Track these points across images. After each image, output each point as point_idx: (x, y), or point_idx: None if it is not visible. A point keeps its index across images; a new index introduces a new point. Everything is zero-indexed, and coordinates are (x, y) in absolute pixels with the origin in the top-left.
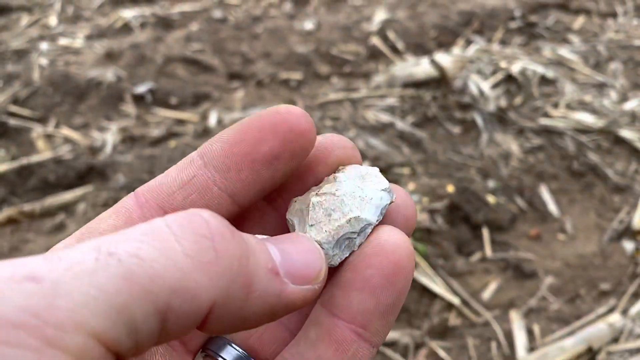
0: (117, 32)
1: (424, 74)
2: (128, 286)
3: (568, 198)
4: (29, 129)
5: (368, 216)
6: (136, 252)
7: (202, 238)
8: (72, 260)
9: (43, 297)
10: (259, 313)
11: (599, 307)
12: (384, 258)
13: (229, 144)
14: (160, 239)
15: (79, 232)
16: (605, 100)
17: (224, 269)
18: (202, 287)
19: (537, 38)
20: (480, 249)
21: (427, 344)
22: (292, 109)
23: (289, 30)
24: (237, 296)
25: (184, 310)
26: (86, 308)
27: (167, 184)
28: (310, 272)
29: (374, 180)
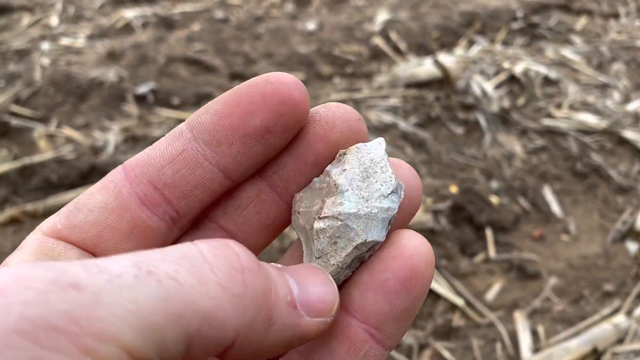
0: (119, 32)
1: (427, 75)
2: (165, 307)
3: (571, 199)
4: (31, 128)
5: (375, 237)
6: (174, 275)
7: (234, 271)
8: (112, 272)
9: (84, 306)
10: (276, 344)
11: (603, 308)
12: (402, 262)
13: (218, 116)
14: (196, 266)
15: (66, 209)
16: (608, 101)
17: (250, 302)
18: (230, 317)
19: (540, 39)
20: (483, 250)
21: (431, 344)
22: (283, 78)
23: (291, 30)
24: (259, 328)
25: (211, 338)
26: (124, 322)
27: (155, 157)
28: (324, 306)
29: (379, 177)
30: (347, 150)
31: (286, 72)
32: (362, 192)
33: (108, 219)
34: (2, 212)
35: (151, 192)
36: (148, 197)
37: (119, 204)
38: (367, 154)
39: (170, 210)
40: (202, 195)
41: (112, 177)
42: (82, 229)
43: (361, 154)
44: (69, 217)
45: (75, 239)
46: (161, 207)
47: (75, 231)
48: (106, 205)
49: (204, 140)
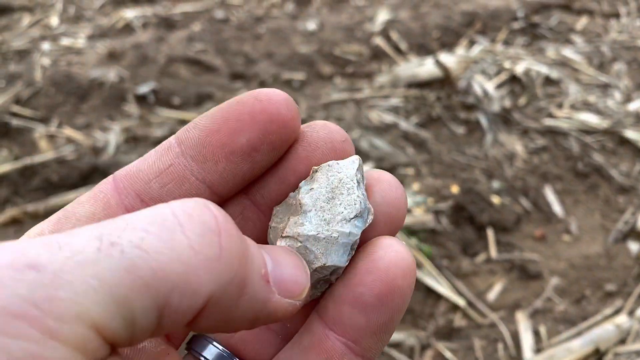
0: (119, 32)
1: (428, 75)
2: (130, 279)
3: (573, 199)
4: (32, 129)
5: (335, 261)
6: (139, 243)
7: (210, 232)
8: (73, 248)
9: (44, 286)
10: (244, 317)
11: (605, 308)
12: (377, 277)
13: (206, 132)
14: (166, 229)
15: (55, 217)
16: (610, 100)
17: (225, 265)
18: (202, 282)
19: (540, 39)
20: (485, 250)
21: (433, 345)
22: (272, 95)
23: (292, 30)
24: (231, 294)
25: (183, 305)
26: (87, 299)
27: (144, 171)
28: (296, 287)
29: (345, 200)
30: (319, 167)
31: (287, 73)
32: (325, 214)
33: None
34: (3, 212)
35: (138, 204)
36: (135, 209)
37: (106, 214)
38: (337, 172)
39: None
40: None
41: (102, 187)
42: None
43: (331, 172)
44: (57, 224)
45: None
46: None
47: None
48: (94, 214)
49: (191, 155)
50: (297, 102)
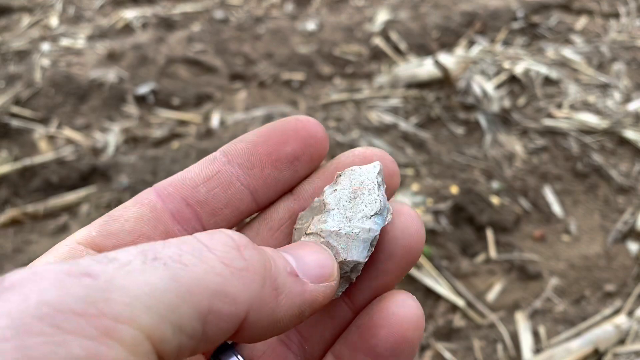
0: (119, 33)
1: (427, 75)
2: (175, 287)
3: (572, 199)
4: (31, 130)
5: (355, 257)
6: (178, 258)
7: (231, 248)
8: (120, 262)
9: (100, 290)
10: (288, 314)
11: (605, 308)
12: (389, 332)
13: (253, 143)
14: (195, 249)
15: (101, 220)
16: (609, 100)
17: (254, 273)
18: (239, 290)
19: (540, 39)
20: (484, 250)
21: (432, 345)
22: (310, 119)
23: (291, 30)
24: (268, 298)
25: (224, 313)
26: (139, 303)
27: (190, 178)
28: (325, 270)
29: (366, 199)
30: (343, 172)
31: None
32: (347, 212)
33: (144, 228)
34: (3, 213)
35: (183, 208)
36: (180, 212)
37: (153, 216)
38: (359, 176)
39: (199, 226)
40: (230, 215)
41: (145, 195)
42: (117, 237)
43: (354, 175)
44: (105, 225)
45: (110, 246)
46: (191, 222)
47: (111, 238)
48: (142, 216)
49: (238, 163)
50: (297, 103)
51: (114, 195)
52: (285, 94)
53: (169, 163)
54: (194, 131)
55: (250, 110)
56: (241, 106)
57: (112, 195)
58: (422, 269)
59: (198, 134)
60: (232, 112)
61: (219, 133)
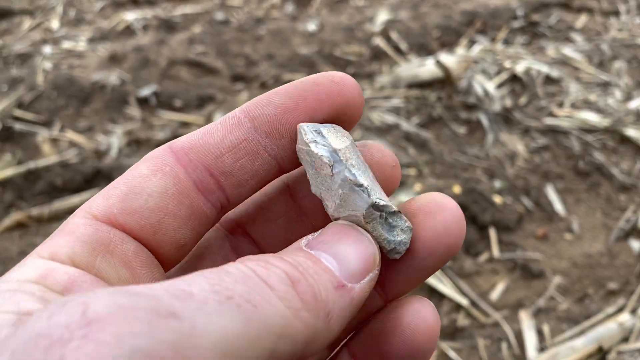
0: (120, 35)
1: (429, 75)
2: (246, 331)
3: (574, 197)
4: (34, 133)
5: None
6: (249, 298)
7: (287, 286)
8: (197, 300)
9: (185, 335)
10: (339, 328)
11: (608, 306)
12: (402, 340)
13: (283, 110)
14: (259, 288)
15: (120, 192)
16: (610, 99)
17: (309, 312)
18: (299, 331)
19: (540, 37)
20: (487, 250)
21: (436, 344)
22: (346, 79)
23: (292, 31)
24: (322, 328)
25: (286, 354)
26: (218, 349)
27: (214, 144)
28: (367, 265)
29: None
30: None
31: (288, 74)
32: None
33: (169, 205)
34: (8, 216)
35: (207, 178)
36: (204, 183)
37: (178, 189)
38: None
39: (223, 197)
40: (255, 186)
41: (164, 159)
42: (142, 215)
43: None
44: (126, 200)
45: (134, 225)
46: (215, 194)
47: (135, 217)
48: (166, 190)
49: (265, 132)
50: None
51: None
52: None
53: None
54: None
55: None
56: None
57: None
58: None
59: None
60: None
61: None
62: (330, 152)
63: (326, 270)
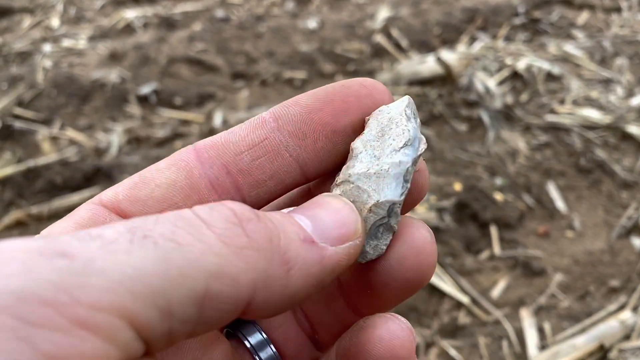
0: (120, 33)
1: (430, 72)
2: (165, 268)
3: (576, 195)
4: (34, 131)
5: (388, 196)
6: (172, 237)
7: (232, 224)
8: (105, 239)
9: (76, 273)
10: (304, 285)
11: (609, 304)
12: (380, 352)
13: (308, 109)
14: (193, 226)
15: (130, 181)
16: (612, 96)
17: (257, 251)
18: (241, 271)
19: (542, 34)
20: (488, 247)
21: (437, 343)
22: (377, 84)
23: (293, 29)
24: (277, 275)
25: (224, 296)
26: (122, 287)
27: (234, 142)
28: (346, 230)
29: (394, 133)
30: (371, 115)
31: (288, 72)
32: (375, 151)
33: (175, 197)
34: (8, 215)
35: (223, 176)
36: (219, 181)
37: (188, 183)
38: (387, 114)
39: (238, 197)
40: (274, 187)
41: (183, 156)
42: (145, 204)
43: (381, 115)
44: (134, 188)
45: (135, 212)
46: (230, 193)
47: (137, 205)
48: (175, 182)
49: (288, 131)
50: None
51: None
52: (287, 92)
53: None
54: (196, 131)
55: (252, 109)
56: (243, 105)
57: None
58: None
59: (201, 133)
60: (235, 111)
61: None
62: (415, 135)
63: (294, 223)
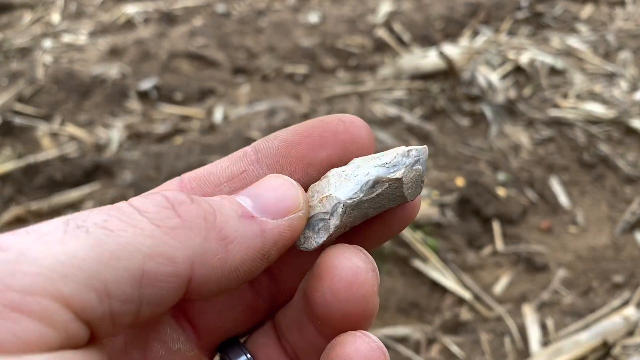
0: (121, 28)
1: (432, 66)
2: (97, 252)
3: (579, 190)
4: (34, 127)
5: (340, 194)
6: (104, 225)
7: (163, 208)
8: (39, 232)
9: (8, 263)
10: (248, 259)
11: (613, 300)
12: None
13: (287, 143)
14: (125, 213)
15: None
16: (616, 90)
17: (191, 229)
18: (176, 249)
19: (545, 28)
20: (490, 243)
21: (439, 339)
22: (355, 120)
23: (294, 23)
24: (214, 250)
25: (162, 274)
26: (53, 273)
27: (215, 174)
28: (287, 203)
29: (386, 155)
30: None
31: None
32: (361, 162)
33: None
34: (7, 211)
35: None
36: None
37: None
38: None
39: None
40: None
41: (168, 187)
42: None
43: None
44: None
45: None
46: None
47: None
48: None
49: (267, 164)
50: (300, 96)
51: (118, 191)
52: (288, 87)
53: (172, 159)
54: (197, 126)
55: (253, 104)
56: (244, 100)
57: (116, 191)
58: (428, 262)
59: (201, 129)
60: (235, 106)
61: (222, 128)
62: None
63: (232, 202)
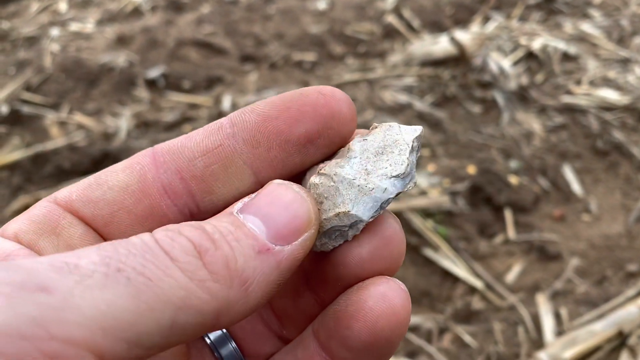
0: (128, 16)
1: (443, 52)
2: (135, 304)
3: (592, 177)
4: (42, 116)
5: (359, 212)
6: (142, 271)
7: (192, 257)
8: (82, 272)
9: (54, 309)
10: (265, 294)
11: (628, 289)
12: (364, 327)
13: (264, 117)
14: (159, 259)
15: (86, 182)
16: (630, 76)
17: (217, 280)
18: (205, 302)
19: (557, 13)
20: (503, 231)
21: (451, 328)
22: (336, 93)
23: (302, 10)
24: (237, 296)
25: (190, 324)
26: (94, 323)
27: (189, 147)
28: (299, 222)
29: (393, 158)
30: (380, 125)
31: (298, 54)
32: (369, 165)
33: (126, 200)
34: (16, 199)
35: (176, 181)
36: (172, 186)
37: (140, 187)
38: (395, 134)
39: (192, 203)
40: (228, 195)
41: (139, 159)
42: (96, 205)
43: (390, 132)
44: (87, 189)
45: (87, 213)
46: (183, 198)
47: (89, 206)
48: (127, 186)
49: (243, 138)
50: (309, 84)
51: None
52: (296, 75)
53: None
54: (205, 114)
55: (261, 92)
56: (252, 88)
57: None
58: (440, 251)
59: (209, 117)
60: (243, 94)
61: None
62: (411, 170)
63: (248, 235)
